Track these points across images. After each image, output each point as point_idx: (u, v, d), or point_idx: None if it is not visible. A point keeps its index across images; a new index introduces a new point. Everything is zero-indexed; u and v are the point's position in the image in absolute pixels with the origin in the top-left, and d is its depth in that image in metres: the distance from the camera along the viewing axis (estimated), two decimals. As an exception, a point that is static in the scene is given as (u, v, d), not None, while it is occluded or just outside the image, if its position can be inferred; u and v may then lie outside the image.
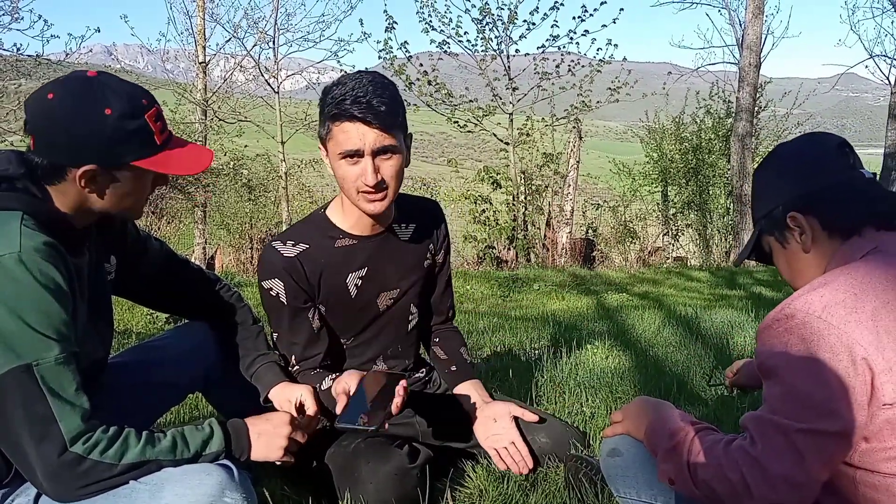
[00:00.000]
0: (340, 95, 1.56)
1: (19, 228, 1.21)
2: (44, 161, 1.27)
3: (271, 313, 1.78)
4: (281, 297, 1.72)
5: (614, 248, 11.89)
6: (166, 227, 11.64)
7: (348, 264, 1.77)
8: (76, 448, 1.19)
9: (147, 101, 1.32)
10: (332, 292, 1.77)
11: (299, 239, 1.74)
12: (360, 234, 1.77)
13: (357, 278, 1.78)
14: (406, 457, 1.65)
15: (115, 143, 1.27)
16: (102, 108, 1.26)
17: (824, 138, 1.29)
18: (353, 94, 1.55)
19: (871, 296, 1.07)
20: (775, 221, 1.27)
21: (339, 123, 1.57)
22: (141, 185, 1.36)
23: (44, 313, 1.18)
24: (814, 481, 1.07)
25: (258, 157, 13.92)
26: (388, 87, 1.61)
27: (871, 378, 1.04)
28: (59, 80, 1.29)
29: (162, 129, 1.34)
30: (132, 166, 1.31)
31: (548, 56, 10.67)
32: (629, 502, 1.40)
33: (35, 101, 1.27)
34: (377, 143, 1.57)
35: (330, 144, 1.62)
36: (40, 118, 1.26)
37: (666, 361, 3.19)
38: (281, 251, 1.72)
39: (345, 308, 1.80)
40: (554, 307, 5.66)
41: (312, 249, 1.73)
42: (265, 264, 1.73)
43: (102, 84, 1.28)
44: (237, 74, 13.23)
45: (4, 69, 10.09)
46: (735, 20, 12.56)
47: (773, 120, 14.78)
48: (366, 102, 1.54)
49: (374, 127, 1.56)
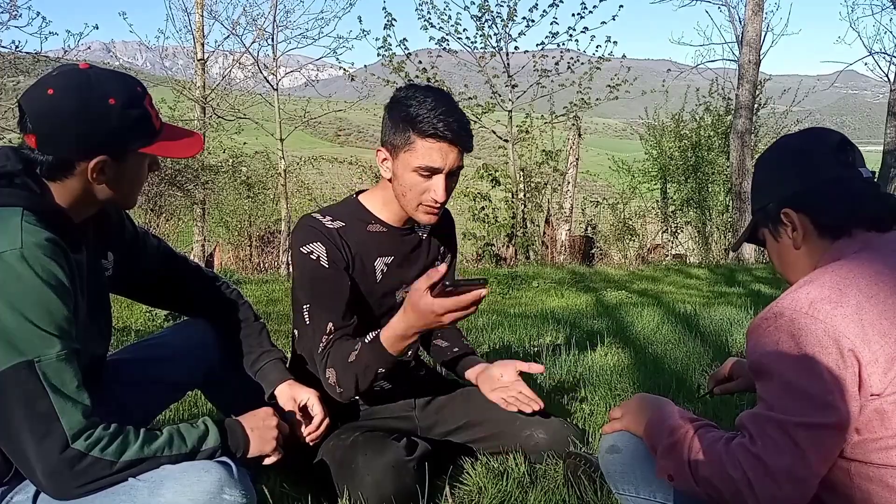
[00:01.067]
0: (429, 110, 1.60)
1: (20, 224, 1.20)
2: (49, 158, 1.27)
3: (309, 281, 1.72)
4: (322, 260, 1.70)
5: (613, 245, 11.89)
6: (165, 224, 11.59)
7: (378, 249, 1.80)
8: (77, 445, 1.18)
9: (141, 89, 1.35)
10: (361, 273, 1.78)
11: (336, 216, 1.77)
12: (390, 224, 1.81)
13: (384, 264, 1.81)
14: (403, 449, 1.66)
15: (122, 132, 1.30)
16: (106, 98, 1.27)
17: (826, 135, 1.29)
18: (445, 115, 1.60)
19: (855, 290, 1.11)
20: (769, 215, 1.29)
21: (429, 140, 1.61)
22: (142, 172, 1.40)
23: (46, 310, 1.18)
24: (814, 475, 1.08)
25: (257, 154, 13.88)
26: (459, 108, 1.68)
27: (859, 369, 1.07)
28: (54, 76, 1.29)
29: (157, 115, 1.37)
30: (137, 153, 1.34)
31: (547, 53, 10.67)
32: (628, 499, 1.40)
33: (34, 98, 1.26)
34: (455, 165, 1.66)
35: (407, 154, 1.64)
36: (44, 115, 1.26)
37: (665, 358, 3.19)
38: (322, 221, 1.75)
39: (368, 291, 1.81)
40: (553, 304, 5.66)
41: (347, 228, 1.76)
42: (304, 230, 1.73)
43: (99, 75, 1.30)
44: (236, 71, 13.21)
45: (3, 67, 10.06)
46: (735, 17, 12.57)
47: (773, 117, 14.78)
48: (458, 126, 1.61)
49: (459, 151, 1.64)
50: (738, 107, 11.12)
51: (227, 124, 12.79)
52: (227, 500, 1.25)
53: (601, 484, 1.61)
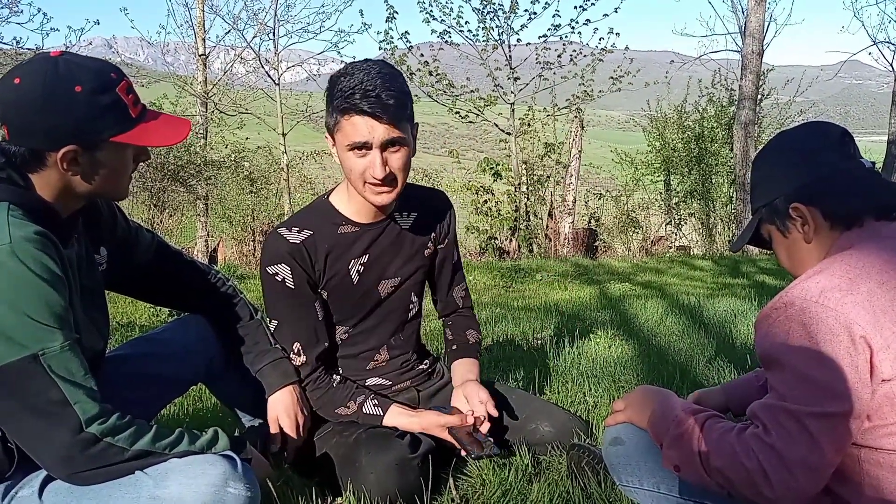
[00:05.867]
0: (349, 87, 1.56)
1: (7, 219, 1.19)
2: (21, 149, 1.24)
3: (275, 301, 1.76)
4: (287, 282, 1.72)
5: (617, 237, 11.86)
6: (168, 220, 11.61)
7: (350, 250, 1.78)
8: (92, 429, 1.19)
9: (116, 75, 1.29)
10: (335, 278, 1.78)
11: (303, 225, 1.75)
12: (361, 222, 1.78)
13: (359, 264, 1.79)
14: (407, 447, 1.66)
15: (91, 120, 1.25)
16: (72, 86, 1.23)
17: (826, 128, 1.29)
18: (363, 86, 1.55)
19: (866, 278, 1.11)
20: (777, 211, 1.28)
21: (349, 116, 1.58)
22: (122, 162, 1.33)
23: (43, 303, 1.17)
24: (829, 464, 1.09)
25: (259, 149, 13.88)
26: (397, 77, 1.62)
27: (871, 356, 1.07)
28: (24, 64, 1.27)
29: (135, 102, 1.31)
30: (111, 143, 1.28)
31: (549, 45, 10.64)
32: (632, 490, 1.40)
33: (3, 88, 1.24)
34: (386, 136, 1.59)
35: (338, 135, 1.63)
36: (11, 105, 1.23)
37: (669, 350, 3.19)
38: (286, 237, 1.73)
39: (347, 294, 1.80)
40: (557, 297, 5.66)
41: (316, 235, 1.74)
42: (270, 250, 1.73)
43: (68, 62, 1.25)
44: (237, 66, 13.21)
45: (4, 63, 10.06)
46: (737, 7, 12.50)
47: (776, 108, 14.69)
48: (375, 96, 1.55)
49: (384, 121, 1.57)
50: (741, 97, 11.07)
51: (229, 119, 12.81)
52: (231, 493, 1.25)
53: (605, 476, 1.61)
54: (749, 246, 1.42)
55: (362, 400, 1.76)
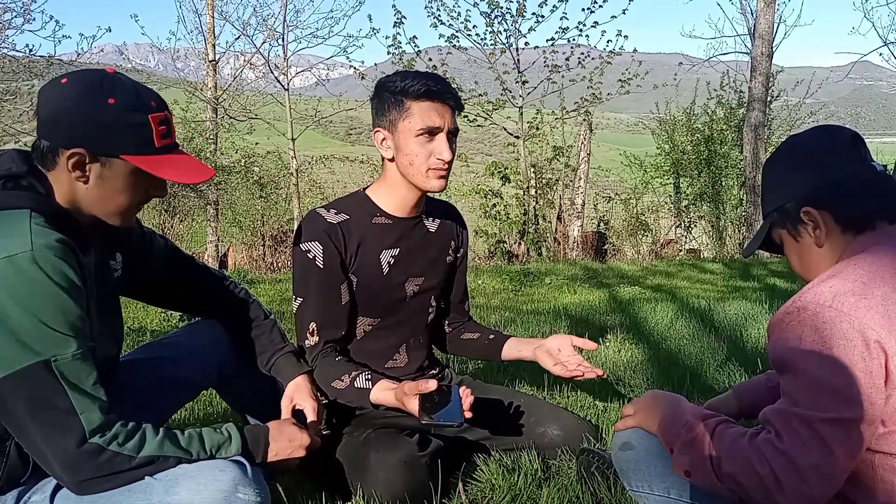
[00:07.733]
0: (418, 79, 1.69)
1: (30, 226, 1.21)
2: (43, 143, 1.29)
3: (303, 277, 1.78)
4: (318, 260, 1.76)
5: (626, 240, 11.83)
6: (179, 225, 11.69)
7: (383, 241, 1.82)
8: (95, 439, 1.21)
9: (156, 104, 1.32)
10: (366, 266, 1.81)
11: (341, 209, 1.81)
12: (396, 215, 1.84)
13: (390, 256, 1.84)
14: (416, 445, 1.67)
15: (111, 132, 1.27)
16: (108, 96, 1.27)
17: (836, 131, 1.28)
18: (429, 77, 1.71)
19: (880, 282, 1.09)
20: (788, 215, 1.27)
21: (423, 101, 1.69)
22: (128, 186, 1.32)
23: (60, 311, 1.19)
24: (842, 470, 1.07)
25: (269, 154, 13.95)
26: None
27: (886, 360, 1.06)
28: (77, 70, 1.32)
29: (163, 135, 1.32)
30: (122, 161, 1.29)
31: (557, 49, 10.62)
32: (641, 496, 1.40)
33: (49, 84, 1.30)
34: (453, 124, 1.74)
35: (404, 123, 1.71)
36: (48, 100, 1.28)
37: (679, 354, 3.17)
38: (324, 216, 1.78)
39: (376, 284, 1.83)
40: (566, 301, 5.65)
41: (352, 221, 1.80)
42: (306, 227, 1.78)
43: (115, 78, 1.30)
44: (247, 72, 13.27)
45: (17, 70, 10.16)
46: (746, 9, 12.42)
47: (786, 109, 14.61)
48: (444, 85, 1.71)
49: (453, 109, 1.73)
50: (751, 99, 11.02)
51: (238, 125, 12.86)
52: (241, 498, 1.26)
53: (615, 481, 1.60)
54: (760, 250, 1.41)
55: (356, 374, 1.74)
